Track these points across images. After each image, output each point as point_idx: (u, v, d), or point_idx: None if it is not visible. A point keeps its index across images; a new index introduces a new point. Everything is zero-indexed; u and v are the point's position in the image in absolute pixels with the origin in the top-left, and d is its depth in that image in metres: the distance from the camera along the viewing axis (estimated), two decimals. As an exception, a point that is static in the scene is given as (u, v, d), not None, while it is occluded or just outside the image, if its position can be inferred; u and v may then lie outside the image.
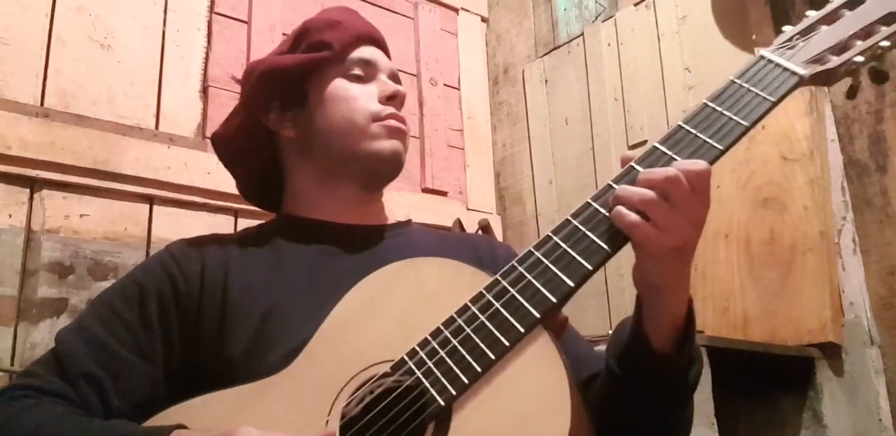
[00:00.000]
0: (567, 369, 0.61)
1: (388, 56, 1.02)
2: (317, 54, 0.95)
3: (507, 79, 2.53)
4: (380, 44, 1.01)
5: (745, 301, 1.66)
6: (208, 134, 1.86)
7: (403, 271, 0.75)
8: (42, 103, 1.64)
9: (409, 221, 1.04)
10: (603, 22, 2.20)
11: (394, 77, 1.00)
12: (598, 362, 0.82)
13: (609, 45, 2.17)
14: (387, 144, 0.93)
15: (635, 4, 2.12)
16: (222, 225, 1.81)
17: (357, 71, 0.96)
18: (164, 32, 1.86)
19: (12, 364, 1.45)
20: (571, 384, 0.60)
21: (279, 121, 0.96)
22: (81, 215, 1.62)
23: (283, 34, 2.07)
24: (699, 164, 0.65)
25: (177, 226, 1.74)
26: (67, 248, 1.58)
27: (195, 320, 0.82)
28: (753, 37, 1.80)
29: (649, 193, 0.65)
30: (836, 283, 1.58)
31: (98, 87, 1.73)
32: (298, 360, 0.73)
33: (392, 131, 0.93)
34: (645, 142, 2.02)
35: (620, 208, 0.65)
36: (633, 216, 0.65)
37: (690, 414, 0.78)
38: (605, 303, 2.00)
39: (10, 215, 1.54)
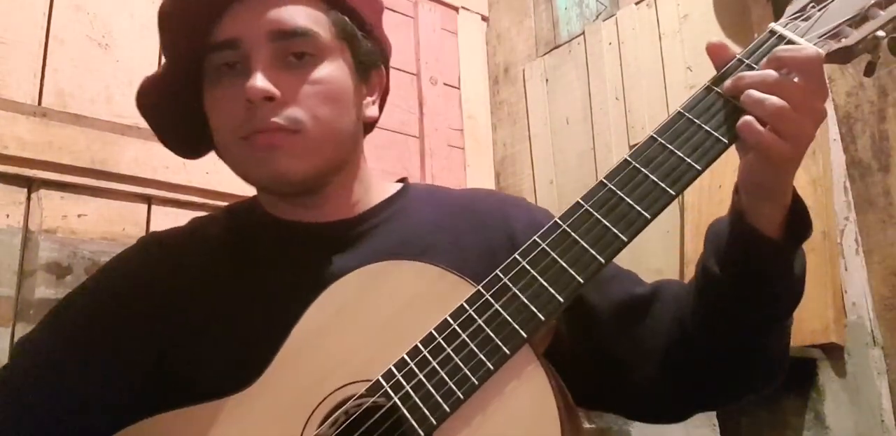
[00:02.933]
0: (556, 395, 0.58)
1: None
2: (151, 76, 0.75)
3: (507, 78, 2.52)
4: None
5: (746, 302, 1.65)
6: (207, 133, 1.85)
7: (377, 278, 0.67)
8: (39, 103, 1.63)
9: (401, 192, 0.83)
10: (604, 21, 2.19)
11: (277, 37, 0.68)
12: (668, 286, 0.75)
13: (610, 44, 2.16)
14: (260, 170, 0.71)
15: (636, 3, 2.11)
16: (221, 225, 1.80)
17: (221, 59, 0.70)
18: (162, 31, 1.85)
19: (9, 365, 1.45)
20: (562, 414, 0.58)
21: None
22: (79, 215, 1.61)
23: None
24: (804, 50, 0.59)
25: (175, 226, 1.73)
26: (65, 248, 1.57)
27: (160, 335, 0.73)
28: (755, 35, 1.80)
29: (776, 101, 0.58)
30: (838, 283, 1.57)
31: (96, 87, 1.72)
32: (267, 375, 0.66)
33: (260, 150, 0.69)
34: (646, 141, 2.01)
35: (750, 119, 0.59)
36: (762, 129, 0.58)
37: (788, 339, 0.72)
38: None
39: (8, 215, 1.53)
